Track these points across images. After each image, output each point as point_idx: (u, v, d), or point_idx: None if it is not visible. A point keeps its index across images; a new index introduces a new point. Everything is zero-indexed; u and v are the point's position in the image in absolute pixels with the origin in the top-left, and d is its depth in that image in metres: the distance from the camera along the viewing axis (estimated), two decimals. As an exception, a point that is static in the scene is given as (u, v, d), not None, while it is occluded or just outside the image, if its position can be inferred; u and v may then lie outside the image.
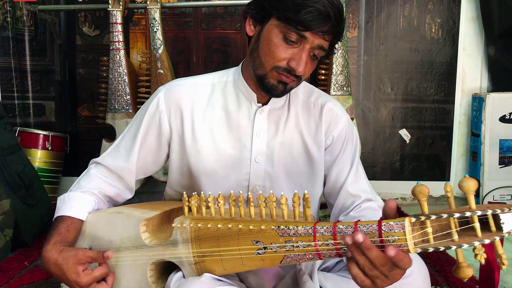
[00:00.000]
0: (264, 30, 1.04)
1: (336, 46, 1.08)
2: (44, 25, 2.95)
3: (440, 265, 1.86)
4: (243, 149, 1.12)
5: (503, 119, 2.80)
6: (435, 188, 2.70)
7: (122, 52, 2.48)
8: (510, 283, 1.72)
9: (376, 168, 3.05)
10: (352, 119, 2.41)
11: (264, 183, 1.13)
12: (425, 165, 3.07)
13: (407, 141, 3.05)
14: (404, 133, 3.05)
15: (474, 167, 2.92)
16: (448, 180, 3.07)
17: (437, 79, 3.01)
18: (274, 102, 1.13)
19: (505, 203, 2.78)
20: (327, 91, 2.52)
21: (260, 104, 1.13)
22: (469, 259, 0.72)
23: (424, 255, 1.91)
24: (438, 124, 3.05)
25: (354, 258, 0.75)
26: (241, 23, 2.93)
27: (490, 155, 2.81)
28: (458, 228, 0.71)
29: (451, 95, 3.03)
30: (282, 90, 1.05)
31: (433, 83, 3.02)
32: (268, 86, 1.05)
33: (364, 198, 1.11)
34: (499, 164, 2.82)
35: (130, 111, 2.50)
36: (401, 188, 3.04)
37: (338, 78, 2.54)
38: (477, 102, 2.87)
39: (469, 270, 0.71)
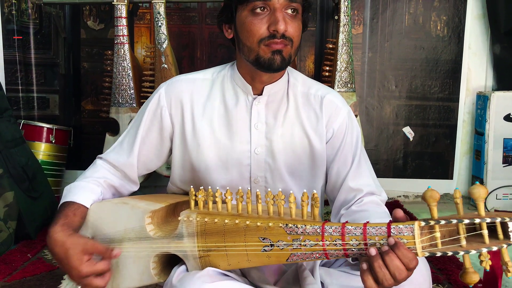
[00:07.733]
0: (237, 22, 1.09)
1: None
2: (49, 19, 2.95)
3: (442, 263, 1.86)
4: (242, 141, 1.14)
5: (507, 118, 2.79)
6: (438, 186, 2.69)
7: (126, 46, 2.48)
8: (512, 283, 1.72)
9: (379, 165, 3.04)
10: (355, 116, 2.40)
11: (266, 174, 1.14)
12: (428, 163, 3.06)
13: (411, 139, 3.04)
14: (408, 131, 3.04)
15: (477, 165, 2.91)
16: (451, 178, 3.06)
17: (442, 77, 3.00)
18: (270, 92, 1.14)
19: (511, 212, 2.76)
20: (331, 87, 2.51)
21: (256, 96, 1.14)
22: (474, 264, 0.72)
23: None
24: (442, 122, 3.04)
25: (372, 270, 0.76)
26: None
27: (494, 153, 2.80)
28: (466, 234, 0.72)
29: (456, 93, 3.01)
30: (280, 60, 1.05)
31: (437, 81, 3.00)
32: (266, 63, 1.05)
33: (366, 192, 1.12)
34: (503, 163, 2.81)
35: (134, 105, 2.50)
36: (404, 186, 3.04)
37: (342, 75, 2.54)
38: (482, 101, 2.86)
39: (475, 276, 0.72)
